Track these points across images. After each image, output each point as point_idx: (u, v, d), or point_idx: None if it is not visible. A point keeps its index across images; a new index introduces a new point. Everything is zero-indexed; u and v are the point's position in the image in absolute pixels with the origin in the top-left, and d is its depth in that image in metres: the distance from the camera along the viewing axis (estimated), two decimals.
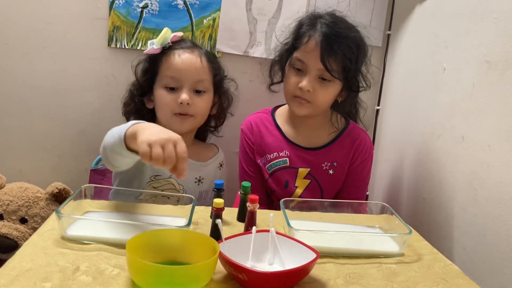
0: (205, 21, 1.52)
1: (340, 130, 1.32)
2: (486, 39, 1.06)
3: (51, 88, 1.53)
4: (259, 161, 1.33)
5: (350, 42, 1.18)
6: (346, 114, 1.35)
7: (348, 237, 0.97)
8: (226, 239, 0.84)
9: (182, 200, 1.04)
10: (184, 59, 1.22)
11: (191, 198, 1.01)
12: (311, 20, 1.22)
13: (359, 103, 1.36)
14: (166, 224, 0.90)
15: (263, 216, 1.02)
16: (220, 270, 0.80)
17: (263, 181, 1.35)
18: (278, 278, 0.77)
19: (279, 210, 1.02)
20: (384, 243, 0.97)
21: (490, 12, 1.05)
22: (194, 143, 1.36)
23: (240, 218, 1.05)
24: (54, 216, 0.92)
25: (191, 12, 1.51)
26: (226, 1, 1.51)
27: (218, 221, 0.86)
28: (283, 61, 1.29)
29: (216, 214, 0.91)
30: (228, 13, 1.52)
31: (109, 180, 1.36)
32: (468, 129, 1.11)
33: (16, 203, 1.38)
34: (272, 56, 1.37)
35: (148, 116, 1.28)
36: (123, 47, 1.51)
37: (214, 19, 1.52)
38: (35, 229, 1.36)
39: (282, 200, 1.04)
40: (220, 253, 0.76)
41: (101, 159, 1.36)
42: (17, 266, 0.78)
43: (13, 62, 1.50)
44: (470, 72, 1.11)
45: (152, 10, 1.50)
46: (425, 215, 1.27)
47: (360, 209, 1.11)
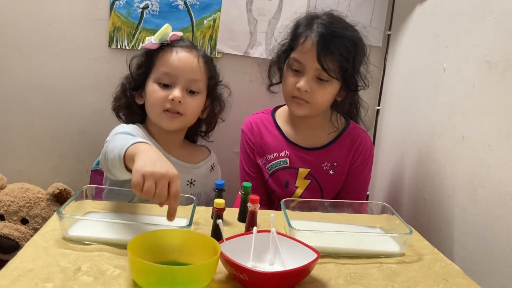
0: (205, 21, 1.52)
1: (340, 130, 1.32)
2: (487, 39, 1.06)
3: (52, 88, 1.54)
4: (259, 161, 1.33)
5: (346, 42, 1.18)
6: (347, 114, 1.35)
7: (349, 237, 0.97)
8: (227, 239, 0.84)
9: (182, 200, 1.04)
10: (181, 56, 1.21)
11: (192, 198, 1.01)
12: (308, 20, 1.22)
13: (360, 103, 1.36)
14: (167, 224, 0.90)
15: (264, 216, 1.03)
16: (221, 270, 0.80)
17: (263, 181, 1.35)
18: (279, 278, 0.77)
19: (279, 210, 1.03)
20: (385, 243, 0.97)
21: (491, 12, 1.05)
22: (185, 144, 1.35)
23: (241, 218, 1.05)
24: (55, 216, 0.92)
25: (192, 12, 1.51)
26: (227, 1, 1.51)
27: (219, 221, 0.86)
28: (281, 61, 1.29)
29: (217, 214, 0.92)
30: (228, 13, 1.52)
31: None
32: (468, 129, 1.11)
33: (17, 203, 1.39)
34: (272, 57, 1.37)
35: (138, 112, 1.28)
36: (124, 47, 1.51)
37: (215, 20, 1.52)
38: (36, 229, 1.36)
39: (283, 200, 1.04)
40: (221, 253, 0.77)
41: None
42: (18, 266, 0.78)
43: (13, 63, 1.51)
44: (471, 72, 1.11)
45: (153, 11, 1.50)
46: (425, 215, 1.27)
47: (360, 209, 1.11)
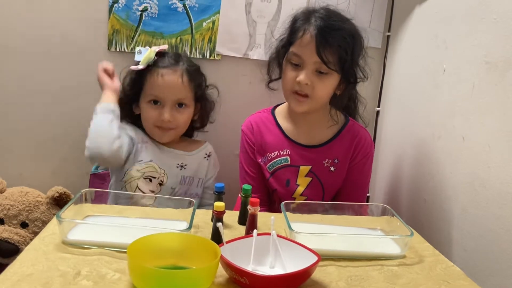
0: (204, 24, 1.52)
1: (340, 127, 1.32)
2: (486, 39, 1.06)
3: (51, 91, 1.54)
4: (260, 160, 1.33)
5: (345, 34, 1.19)
6: (345, 110, 1.36)
7: (350, 239, 0.97)
8: (227, 242, 0.84)
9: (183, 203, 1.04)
10: (166, 80, 1.29)
11: (191, 201, 1.01)
12: (306, 15, 1.23)
13: (358, 98, 1.37)
14: (167, 227, 0.90)
15: (264, 219, 1.02)
16: (221, 274, 0.80)
17: (263, 181, 1.35)
18: (279, 281, 0.77)
19: (279, 211, 1.02)
20: (386, 245, 0.97)
21: (490, 13, 1.05)
22: (182, 139, 1.43)
23: (241, 221, 1.05)
24: (55, 220, 0.92)
25: (191, 15, 1.51)
26: (226, 3, 1.51)
27: (219, 224, 0.86)
28: (279, 57, 1.30)
29: (217, 217, 0.91)
30: (227, 15, 1.52)
31: (109, 184, 1.36)
32: (468, 129, 1.10)
33: (17, 207, 1.38)
34: (270, 53, 1.38)
35: (136, 119, 1.37)
36: (123, 50, 1.51)
37: (214, 22, 1.52)
38: (36, 233, 1.36)
39: (283, 202, 1.03)
40: (221, 256, 0.76)
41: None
42: (18, 271, 0.78)
43: (13, 66, 1.51)
44: (470, 73, 1.11)
45: (152, 13, 1.50)
46: (426, 216, 1.27)
47: (361, 211, 1.10)
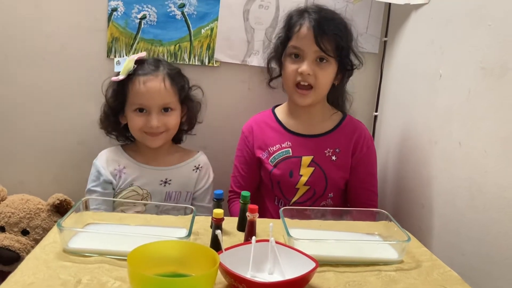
0: (203, 31, 1.53)
1: (339, 120, 1.38)
2: (481, 45, 1.07)
3: (51, 99, 1.55)
4: (262, 155, 1.36)
5: (337, 23, 1.28)
6: (333, 105, 1.41)
7: (347, 245, 0.98)
8: (226, 249, 0.85)
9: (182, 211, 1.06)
10: (148, 87, 1.29)
11: (191, 208, 1.02)
12: (299, 12, 1.32)
13: (345, 96, 1.43)
14: (167, 235, 0.91)
15: (263, 225, 1.03)
16: (220, 281, 0.81)
17: (253, 183, 1.41)
18: (278, 287, 0.77)
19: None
20: (383, 250, 0.98)
21: (485, 19, 1.06)
22: (172, 150, 1.43)
23: (240, 227, 1.06)
24: (55, 229, 0.92)
25: (189, 22, 1.52)
26: (224, 11, 1.52)
27: (218, 232, 0.87)
28: (278, 54, 1.35)
29: (216, 224, 0.92)
30: (225, 23, 1.53)
31: None
32: (465, 134, 1.11)
33: (18, 215, 1.39)
34: (269, 52, 1.43)
35: (123, 130, 1.40)
36: (124, 56, 1.52)
37: (212, 29, 1.53)
38: (36, 240, 1.37)
39: (282, 209, 1.04)
40: (220, 264, 0.77)
41: None
42: (19, 280, 0.79)
43: (13, 74, 1.52)
44: (466, 78, 1.12)
45: (150, 21, 1.51)
46: (424, 221, 1.28)
47: (359, 216, 1.11)
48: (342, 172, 1.35)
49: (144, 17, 1.51)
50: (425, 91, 1.32)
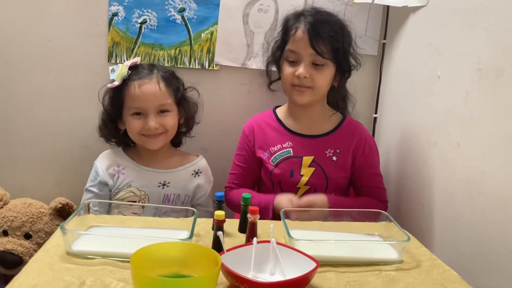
0: (203, 35, 1.55)
1: (340, 121, 1.39)
2: (478, 47, 1.08)
3: (53, 104, 1.56)
4: (263, 155, 1.37)
5: (333, 25, 1.29)
6: (335, 107, 1.42)
7: (348, 245, 0.98)
8: (227, 250, 0.86)
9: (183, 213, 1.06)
10: (143, 90, 1.31)
11: (192, 210, 1.03)
12: (295, 15, 1.33)
13: (348, 97, 1.44)
14: (169, 237, 0.92)
15: (264, 226, 1.04)
16: (222, 282, 0.82)
17: (250, 180, 1.42)
18: (279, 287, 0.78)
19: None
20: (383, 250, 0.98)
21: (481, 21, 1.07)
22: (172, 153, 1.44)
23: (242, 229, 1.07)
24: (59, 232, 0.93)
25: (189, 26, 1.54)
26: (224, 14, 1.54)
27: (220, 233, 0.88)
28: (276, 58, 1.37)
29: (218, 226, 0.93)
30: (225, 26, 1.54)
31: None
32: (463, 136, 1.12)
33: (20, 219, 1.40)
34: (267, 56, 1.45)
35: (122, 136, 1.41)
36: (123, 62, 1.53)
37: (212, 33, 1.55)
38: (39, 244, 1.38)
39: (282, 210, 1.05)
40: (222, 264, 0.78)
41: None
42: (23, 282, 0.79)
43: (15, 79, 1.53)
44: (464, 80, 1.13)
45: (151, 26, 1.53)
46: (424, 222, 1.28)
47: (359, 217, 1.12)
48: (342, 172, 1.36)
49: (144, 21, 1.52)
50: (423, 93, 1.33)
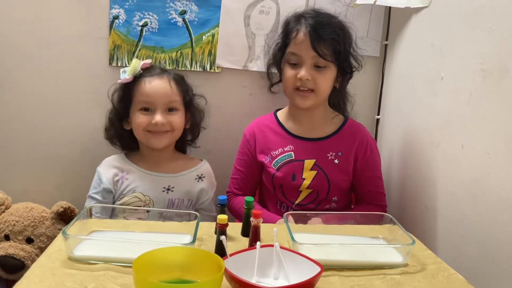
0: (204, 37, 1.54)
1: (341, 123, 1.38)
2: (482, 48, 1.07)
3: (54, 107, 1.56)
4: (264, 159, 1.37)
5: (334, 27, 1.28)
6: (335, 108, 1.41)
7: (352, 249, 0.98)
8: (231, 255, 0.85)
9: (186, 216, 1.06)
10: (154, 85, 1.31)
11: (195, 214, 1.02)
12: (296, 17, 1.32)
13: (347, 97, 1.44)
14: (172, 241, 0.91)
15: (268, 230, 1.03)
16: (226, 286, 0.81)
17: (252, 184, 1.41)
18: None
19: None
20: (388, 254, 0.98)
21: (485, 22, 1.06)
22: (176, 157, 1.43)
23: (245, 233, 1.06)
24: (60, 236, 0.93)
25: (190, 29, 1.53)
26: (225, 17, 1.53)
27: (223, 237, 0.87)
28: (277, 60, 1.36)
29: (220, 230, 0.93)
30: (226, 28, 1.54)
31: None
32: (467, 137, 1.12)
33: (22, 223, 1.39)
34: (268, 59, 1.45)
35: (127, 137, 1.40)
36: (124, 65, 1.53)
37: (213, 35, 1.54)
38: (41, 248, 1.37)
39: (285, 214, 1.05)
40: (225, 269, 0.77)
41: None
42: None
43: (16, 82, 1.53)
44: (467, 81, 1.12)
45: (152, 28, 1.52)
46: (427, 223, 1.28)
47: (363, 220, 1.11)
48: (344, 175, 1.35)
49: (145, 24, 1.52)
50: (426, 94, 1.32)
